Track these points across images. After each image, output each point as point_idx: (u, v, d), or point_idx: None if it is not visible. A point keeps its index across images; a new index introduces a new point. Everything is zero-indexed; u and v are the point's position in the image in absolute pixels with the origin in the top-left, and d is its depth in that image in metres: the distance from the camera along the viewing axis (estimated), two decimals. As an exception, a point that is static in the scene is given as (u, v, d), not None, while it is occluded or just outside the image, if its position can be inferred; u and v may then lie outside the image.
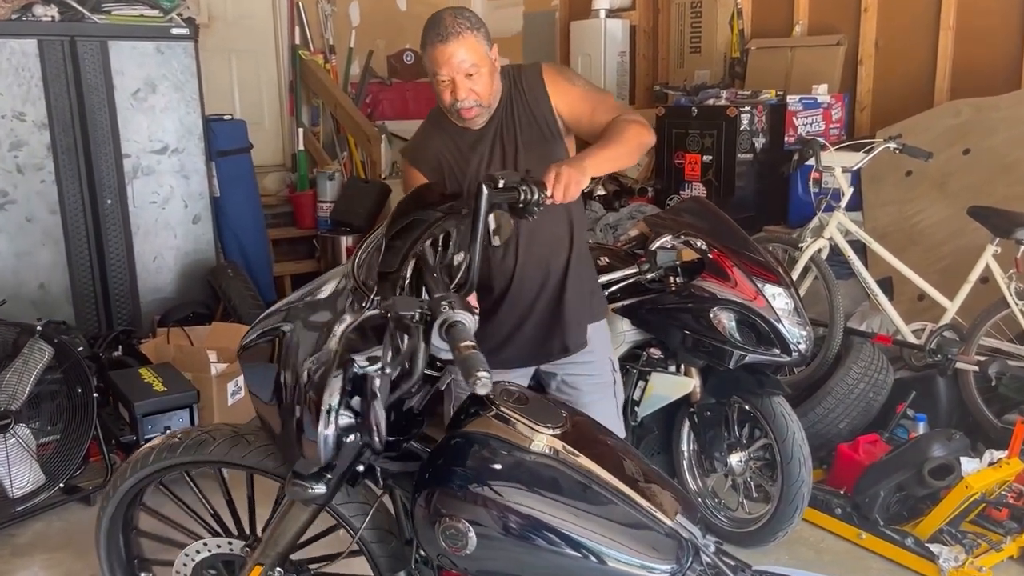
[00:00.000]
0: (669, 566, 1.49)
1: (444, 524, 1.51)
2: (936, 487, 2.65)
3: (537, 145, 2.09)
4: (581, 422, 1.67)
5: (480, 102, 2.01)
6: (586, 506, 1.49)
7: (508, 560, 1.52)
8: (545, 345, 2.20)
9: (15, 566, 2.82)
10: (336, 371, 1.42)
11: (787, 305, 2.71)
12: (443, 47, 1.94)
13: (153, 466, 1.91)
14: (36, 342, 2.99)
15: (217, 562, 1.94)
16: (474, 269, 1.64)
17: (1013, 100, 3.64)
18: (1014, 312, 3.07)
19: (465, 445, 1.57)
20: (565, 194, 1.72)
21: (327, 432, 1.43)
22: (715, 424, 2.83)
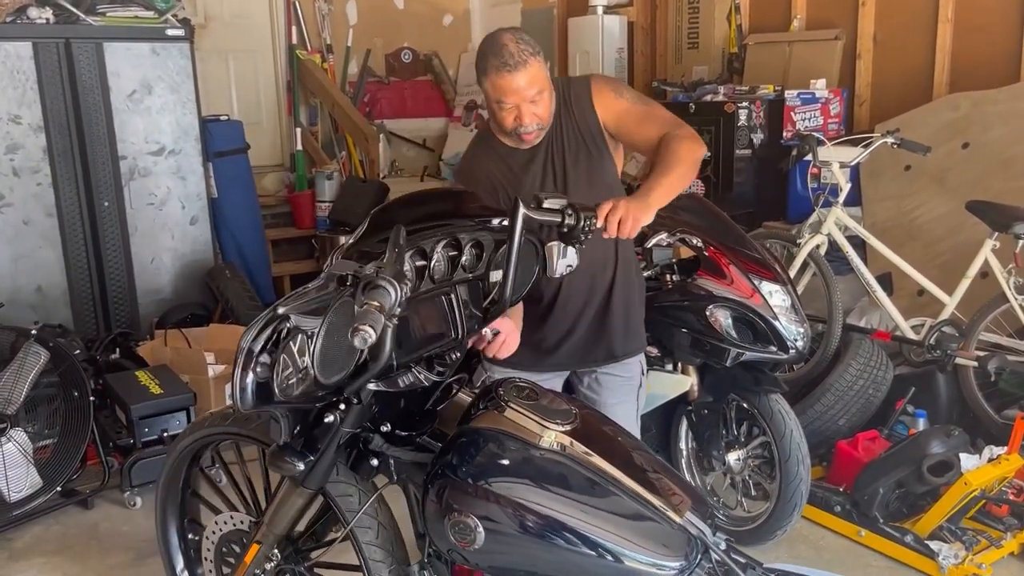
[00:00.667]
0: (678, 563, 1.49)
1: (453, 519, 1.52)
2: (935, 484, 2.63)
3: (585, 161, 2.07)
4: (590, 418, 1.67)
5: (542, 125, 2.00)
6: (595, 502, 1.50)
7: (516, 555, 1.53)
8: (593, 351, 2.20)
9: (13, 570, 2.81)
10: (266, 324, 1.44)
11: (784, 302, 2.70)
12: (510, 76, 1.91)
13: (208, 430, 1.99)
14: (32, 346, 2.98)
15: (237, 536, 1.98)
16: (507, 288, 1.64)
17: (1011, 94, 3.61)
18: (1013, 307, 3.05)
19: (475, 440, 1.57)
20: (621, 229, 1.67)
21: (246, 378, 1.43)
22: (713, 422, 2.82)
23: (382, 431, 1.72)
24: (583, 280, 2.13)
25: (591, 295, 2.16)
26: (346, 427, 1.66)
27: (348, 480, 1.82)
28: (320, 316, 1.45)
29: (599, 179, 2.08)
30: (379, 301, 1.37)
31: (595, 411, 1.72)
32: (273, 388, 1.45)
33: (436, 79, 6.78)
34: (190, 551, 2.25)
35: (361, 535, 1.82)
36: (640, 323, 2.28)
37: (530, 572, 1.56)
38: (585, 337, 2.18)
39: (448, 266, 1.66)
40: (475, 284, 1.71)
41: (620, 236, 1.67)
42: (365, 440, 1.73)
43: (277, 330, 1.45)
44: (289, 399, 1.50)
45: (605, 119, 2.05)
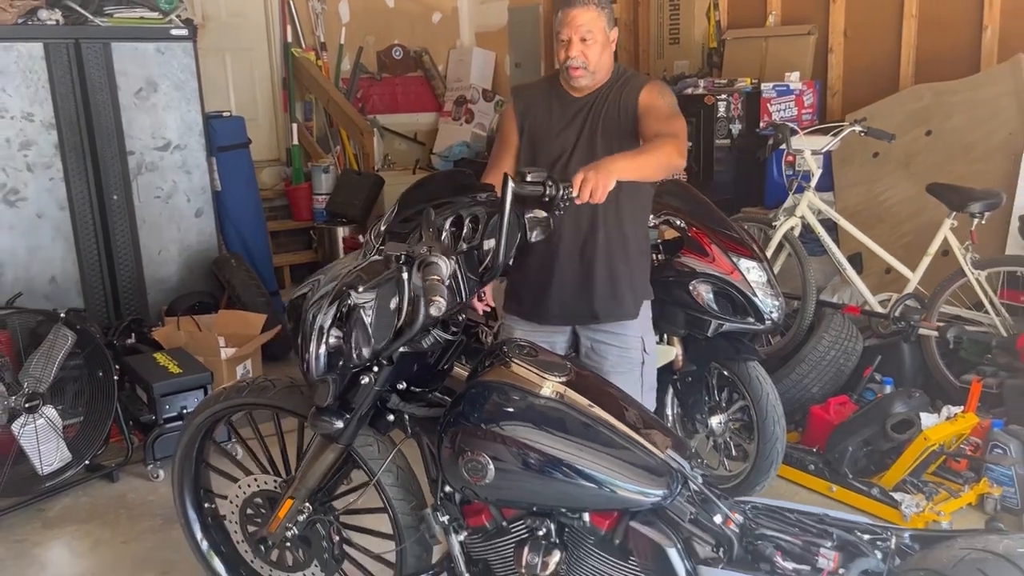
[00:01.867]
0: (661, 491, 1.72)
1: (466, 458, 1.75)
2: (898, 440, 2.88)
3: (613, 133, 2.31)
4: (584, 372, 1.91)
5: (586, 65, 2.26)
6: (587, 441, 1.73)
7: (521, 487, 1.76)
8: (577, 307, 2.41)
9: (47, 537, 3.01)
10: (332, 301, 1.68)
11: (760, 278, 2.93)
12: (569, 11, 2.24)
13: (223, 403, 2.20)
14: (60, 328, 3.17)
15: (263, 497, 2.18)
16: (500, 255, 1.88)
17: (970, 84, 3.87)
18: (971, 281, 3.31)
19: (483, 392, 1.80)
20: (592, 196, 1.90)
21: (320, 350, 1.66)
22: (696, 389, 3.05)
23: (398, 389, 1.95)
24: (574, 242, 2.36)
25: (578, 254, 2.37)
26: (377, 386, 1.88)
27: (369, 436, 2.05)
28: (373, 291, 1.67)
29: (621, 148, 2.24)
30: (438, 275, 1.63)
31: (587, 367, 1.96)
32: (351, 355, 1.68)
33: (426, 75, 6.98)
34: (207, 518, 2.45)
35: (384, 479, 2.05)
36: (629, 293, 2.44)
37: (533, 501, 1.80)
38: (570, 292, 2.39)
39: (452, 239, 1.89)
40: (471, 253, 1.94)
41: (592, 201, 1.90)
42: (383, 399, 1.96)
43: (341, 307, 1.68)
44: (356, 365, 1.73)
45: (640, 107, 2.29)
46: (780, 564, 1.66)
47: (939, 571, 1.56)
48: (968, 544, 1.59)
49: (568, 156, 2.33)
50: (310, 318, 1.72)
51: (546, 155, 2.35)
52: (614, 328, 2.43)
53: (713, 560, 1.70)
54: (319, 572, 2.21)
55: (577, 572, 1.83)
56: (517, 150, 2.43)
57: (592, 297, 2.39)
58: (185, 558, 2.59)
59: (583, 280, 2.38)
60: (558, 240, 2.32)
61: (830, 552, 1.65)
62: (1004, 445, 2.87)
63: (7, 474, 3.08)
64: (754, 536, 1.73)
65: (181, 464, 2.39)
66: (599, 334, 2.44)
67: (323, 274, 1.89)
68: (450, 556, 1.95)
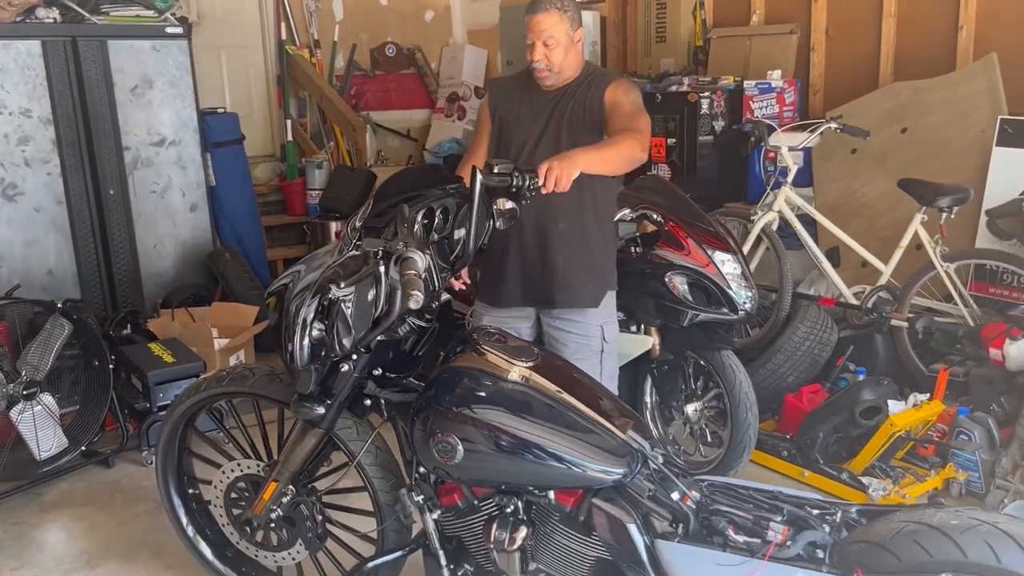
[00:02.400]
0: (621, 470, 1.82)
1: (437, 439, 1.85)
2: (866, 426, 2.98)
3: (577, 127, 2.45)
4: (550, 358, 2.01)
5: (550, 68, 2.42)
6: (552, 423, 1.83)
7: (489, 467, 1.86)
8: (532, 292, 2.54)
9: (44, 520, 3.11)
10: (315, 295, 1.79)
11: (735, 270, 3.03)
12: (533, 16, 2.40)
13: (204, 392, 2.29)
14: (57, 319, 3.27)
15: (246, 481, 2.27)
16: (470, 242, 1.98)
17: (945, 82, 3.96)
18: (940, 274, 3.41)
19: (454, 376, 1.90)
20: (557, 184, 2.01)
21: (303, 342, 1.77)
22: (673, 378, 3.16)
23: (375, 376, 2.05)
24: (535, 230, 2.49)
25: (538, 243, 2.49)
26: (356, 373, 1.98)
27: (348, 420, 2.15)
28: (353, 286, 1.77)
29: (583, 142, 2.38)
30: (414, 269, 1.73)
31: (554, 353, 2.06)
32: (334, 346, 1.78)
33: (419, 72, 7.06)
34: (192, 504, 2.55)
35: (364, 460, 2.15)
36: (589, 283, 2.55)
37: (501, 480, 1.90)
38: (529, 277, 2.52)
39: (423, 230, 1.99)
40: (442, 243, 2.04)
41: (556, 190, 2.01)
42: (360, 385, 2.05)
43: (323, 301, 1.78)
44: (338, 355, 1.84)
45: (606, 104, 2.42)
46: (732, 537, 1.76)
47: (878, 542, 1.67)
48: (906, 517, 1.70)
49: (533, 146, 2.46)
50: (293, 311, 1.83)
51: (513, 144, 2.49)
52: (573, 315, 2.54)
53: (670, 534, 1.80)
54: (303, 550, 2.31)
55: (544, 548, 1.93)
56: (491, 139, 2.56)
57: (550, 283, 2.51)
58: (175, 542, 2.69)
59: (542, 266, 2.50)
60: (520, 229, 2.44)
61: (779, 526, 1.74)
62: (969, 431, 2.97)
63: (6, 459, 3.18)
64: (709, 512, 1.83)
65: (165, 452, 2.47)
66: (559, 321, 2.55)
67: (303, 265, 1.99)
68: (425, 533, 2.06)
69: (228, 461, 2.34)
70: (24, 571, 2.77)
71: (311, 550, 2.30)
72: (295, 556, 2.33)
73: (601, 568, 1.88)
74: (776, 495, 1.87)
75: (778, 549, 1.70)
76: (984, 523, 1.61)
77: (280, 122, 6.37)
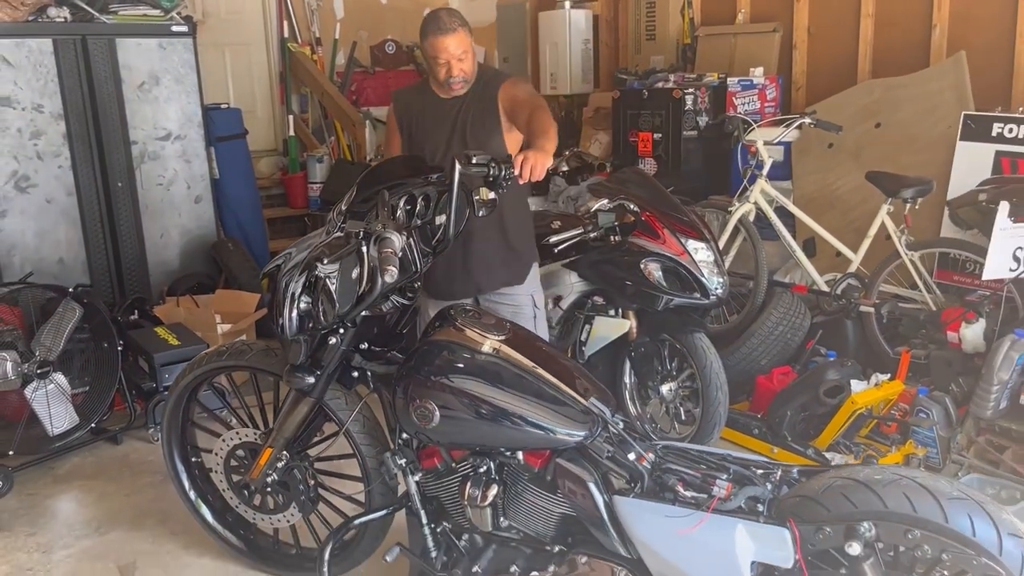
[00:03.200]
0: (583, 432, 2.00)
1: (416, 405, 2.03)
2: (830, 405, 3.16)
3: (479, 129, 2.71)
4: (520, 332, 2.19)
5: (466, 78, 2.69)
6: (520, 390, 2.00)
7: (464, 429, 2.04)
8: (460, 285, 2.80)
9: (57, 491, 3.31)
10: (302, 272, 1.98)
11: (708, 258, 3.21)
12: (444, 38, 2.62)
13: (206, 367, 2.48)
14: (69, 303, 3.47)
15: (245, 448, 2.47)
16: (450, 227, 2.16)
17: (917, 79, 4.13)
18: (905, 262, 3.58)
19: (432, 349, 2.08)
20: (533, 173, 2.24)
21: (292, 314, 1.97)
22: (649, 359, 3.34)
23: (361, 349, 2.24)
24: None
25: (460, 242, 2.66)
26: (343, 346, 2.17)
27: (338, 391, 2.34)
28: (337, 263, 1.96)
29: (487, 142, 2.68)
30: (391, 248, 1.93)
31: (525, 329, 2.24)
32: (319, 318, 1.98)
33: (418, 69, 7.23)
34: (194, 472, 2.75)
35: (352, 428, 2.34)
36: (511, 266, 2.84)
37: (474, 442, 2.08)
38: (455, 273, 2.78)
39: (406, 216, 2.17)
40: (424, 228, 2.22)
41: (533, 179, 2.22)
42: (348, 359, 2.24)
43: (310, 277, 1.97)
44: (324, 326, 2.03)
45: (502, 100, 2.66)
46: (682, 493, 1.93)
47: (811, 496, 1.85)
48: (837, 474, 1.88)
49: (444, 152, 2.68)
50: (283, 286, 2.02)
51: (425, 152, 2.71)
52: (505, 291, 2.83)
53: (626, 491, 1.98)
54: (297, 513, 2.50)
55: (515, 505, 2.11)
56: (402, 147, 2.82)
57: (471, 275, 2.78)
58: (180, 509, 2.88)
59: (464, 262, 2.77)
60: None
61: (724, 483, 1.92)
62: (927, 410, 3.14)
63: (20, 434, 3.38)
64: (662, 471, 2.00)
65: (169, 423, 2.67)
66: (494, 295, 2.84)
67: (294, 248, 2.18)
68: (408, 494, 2.24)
69: (227, 431, 2.53)
70: (39, 536, 2.97)
71: (304, 512, 2.49)
72: (289, 519, 2.53)
73: (566, 523, 2.07)
74: (724, 457, 2.05)
75: (721, 503, 1.88)
76: (904, 478, 1.79)
77: (282, 118, 6.56)
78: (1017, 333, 2.98)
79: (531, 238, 2.96)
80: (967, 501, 1.74)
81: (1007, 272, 3.16)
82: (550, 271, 3.40)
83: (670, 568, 1.88)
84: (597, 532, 1.99)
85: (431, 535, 2.21)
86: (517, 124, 2.65)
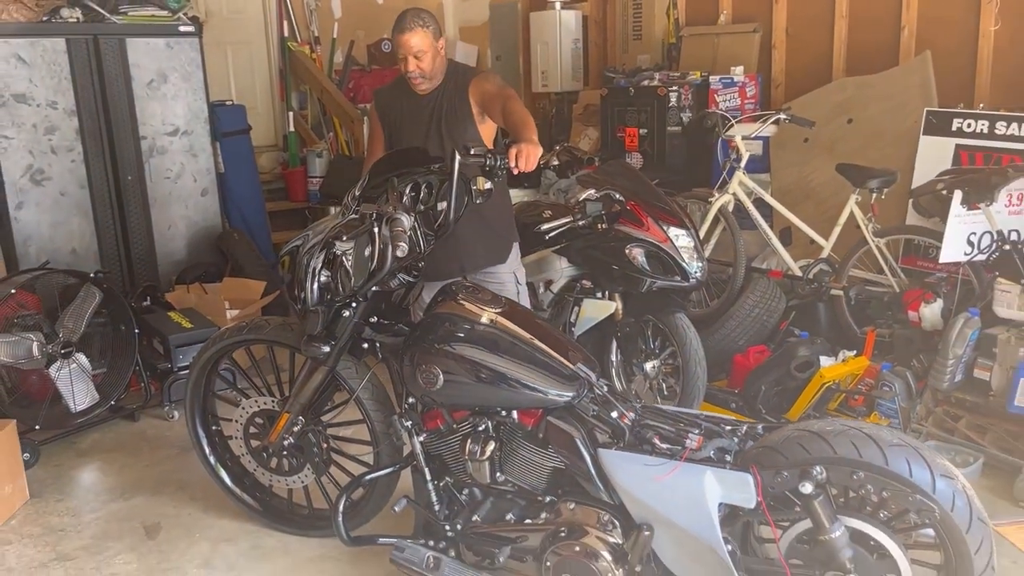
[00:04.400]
0: (571, 393, 2.24)
1: (422, 370, 2.27)
2: (800, 379, 3.40)
3: (453, 124, 2.95)
4: (515, 306, 2.43)
5: (424, 75, 2.91)
6: (515, 356, 2.24)
7: (464, 391, 2.28)
8: (447, 267, 2.98)
9: (81, 463, 3.54)
10: (322, 249, 2.22)
11: (688, 243, 3.44)
12: (402, 36, 2.87)
13: (227, 340, 2.71)
14: (89, 288, 3.68)
15: (263, 416, 2.70)
16: (451, 213, 2.40)
17: (886, 78, 4.38)
18: (872, 248, 3.84)
19: (436, 321, 2.32)
20: (526, 164, 2.46)
21: (313, 286, 2.22)
22: (634, 338, 3.58)
23: (371, 322, 2.47)
24: None
25: None
26: (356, 318, 2.41)
27: (349, 361, 2.57)
28: (352, 242, 2.20)
29: (460, 134, 2.91)
30: (401, 227, 2.17)
31: (519, 304, 2.48)
32: (337, 290, 2.22)
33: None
34: (214, 439, 2.99)
35: (362, 395, 2.57)
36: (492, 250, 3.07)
37: (473, 403, 2.32)
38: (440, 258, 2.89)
39: (411, 201, 2.40)
40: (427, 213, 2.46)
41: (525, 170, 2.45)
42: (359, 331, 2.48)
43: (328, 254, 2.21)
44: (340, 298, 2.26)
45: (473, 95, 2.90)
46: (658, 445, 2.18)
47: (771, 446, 2.10)
48: (795, 427, 2.13)
49: (423, 142, 2.90)
50: (305, 262, 2.25)
51: (404, 142, 2.94)
52: (489, 270, 3.08)
53: (609, 444, 2.22)
54: (311, 474, 2.74)
55: (510, 460, 2.35)
56: (384, 140, 3.05)
57: (456, 257, 3.00)
58: (198, 478, 3.13)
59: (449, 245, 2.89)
60: None
61: (696, 436, 2.17)
62: (890, 383, 3.39)
63: (45, 411, 3.60)
64: (641, 427, 2.25)
65: (192, 393, 2.91)
66: (479, 275, 3.07)
67: (310, 230, 2.41)
68: (413, 454, 2.48)
69: (247, 399, 2.76)
70: (67, 502, 3.19)
71: (318, 474, 2.72)
72: (303, 480, 2.76)
73: (556, 475, 2.31)
74: (697, 416, 2.30)
75: (693, 453, 2.13)
76: (852, 428, 2.05)
77: (283, 114, 6.78)
78: (971, 312, 3.24)
79: (511, 221, 3.19)
80: (906, 447, 1.99)
81: (962, 256, 3.41)
82: (541, 257, 3.64)
83: (648, 510, 2.13)
84: (584, 482, 2.23)
85: (435, 490, 2.44)
86: (491, 115, 2.88)
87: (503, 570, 2.34)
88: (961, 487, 1.97)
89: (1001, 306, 3.19)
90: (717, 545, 2.03)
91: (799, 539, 2.10)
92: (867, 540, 2.06)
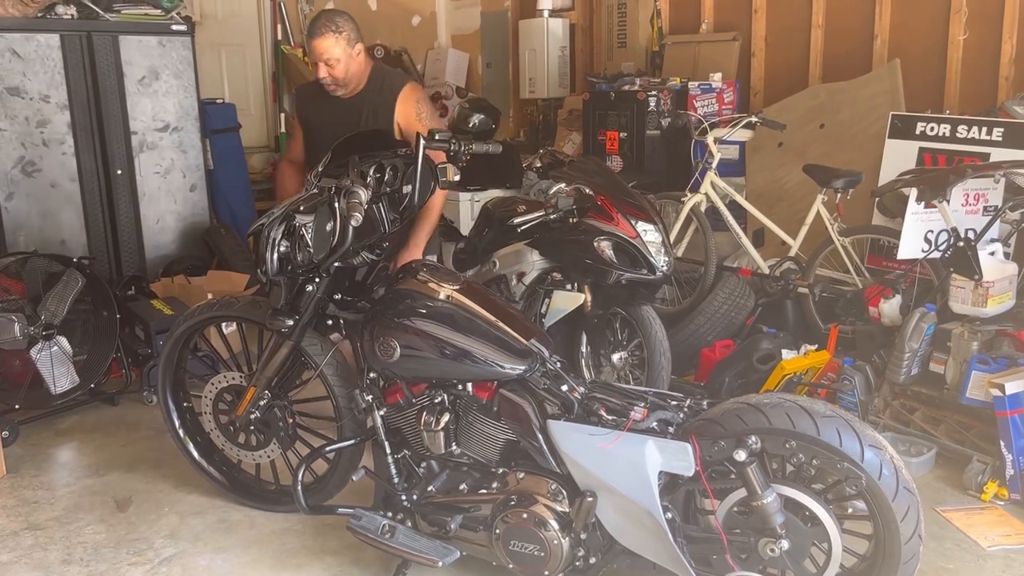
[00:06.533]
0: (523, 366, 2.32)
1: (380, 343, 2.35)
2: (762, 371, 3.49)
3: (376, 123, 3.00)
4: (472, 284, 2.51)
5: (337, 82, 2.95)
6: (469, 331, 2.32)
7: (421, 364, 2.36)
8: None
9: (59, 442, 3.62)
10: (282, 221, 2.32)
11: (656, 238, 3.53)
12: (312, 41, 2.91)
13: (198, 317, 2.79)
14: (73, 272, 3.78)
15: (231, 391, 2.78)
16: (415, 196, 2.49)
17: (856, 84, 4.50)
18: (837, 248, 3.93)
19: (395, 296, 2.41)
20: None
21: (273, 256, 2.31)
22: (602, 330, 3.66)
23: (335, 299, 2.56)
24: None
25: None
26: (319, 293, 2.50)
27: (314, 338, 2.66)
28: (311, 214, 2.30)
29: None
30: (357, 199, 2.25)
31: (476, 282, 2.57)
32: (296, 260, 2.31)
33: (405, 73, 7.60)
34: (184, 414, 3.06)
35: (326, 371, 2.66)
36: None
37: (430, 375, 2.40)
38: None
39: (376, 184, 2.50)
40: (393, 195, 2.55)
41: None
42: (323, 307, 2.57)
43: (288, 226, 2.31)
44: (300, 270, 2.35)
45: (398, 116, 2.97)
46: (605, 417, 2.27)
47: (711, 418, 2.19)
48: (736, 401, 2.21)
49: None
50: (266, 234, 2.35)
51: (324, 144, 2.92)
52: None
53: (558, 416, 2.31)
54: (276, 448, 2.82)
55: (466, 433, 2.43)
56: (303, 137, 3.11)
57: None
58: (173, 458, 3.21)
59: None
60: None
61: (641, 409, 2.25)
62: (850, 377, 3.48)
63: (25, 392, 3.68)
64: (590, 400, 2.34)
65: (164, 368, 2.99)
66: None
67: (276, 209, 2.51)
68: (374, 427, 2.56)
69: (215, 375, 2.85)
70: (42, 477, 3.27)
71: (283, 447, 2.80)
72: (270, 455, 2.84)
73: (508, 448, 2.39)
74: (646, 392, 2.38)
75: (636, 424, 2.21)
76: (787, 401, 2.13)
77: (274, 116, 6.90)
78: (927, 307, 3.33)
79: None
80: (837, 419, 2.08)
81: (919, 253, 3.50)
82: (515, 250, 3.73)
83: (592, 478, 2.21)
84: (533, 452, 2.31)
85: (394, 463, 2.53)
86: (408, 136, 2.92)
87: (455, 539, 2.42)
88: (889, 457, 2.06)
89: (956, 302, 3.27)
90: (656, 511, 2.11)
91: (737, 508, 2.18)
92: (802, 510, 2.14)
